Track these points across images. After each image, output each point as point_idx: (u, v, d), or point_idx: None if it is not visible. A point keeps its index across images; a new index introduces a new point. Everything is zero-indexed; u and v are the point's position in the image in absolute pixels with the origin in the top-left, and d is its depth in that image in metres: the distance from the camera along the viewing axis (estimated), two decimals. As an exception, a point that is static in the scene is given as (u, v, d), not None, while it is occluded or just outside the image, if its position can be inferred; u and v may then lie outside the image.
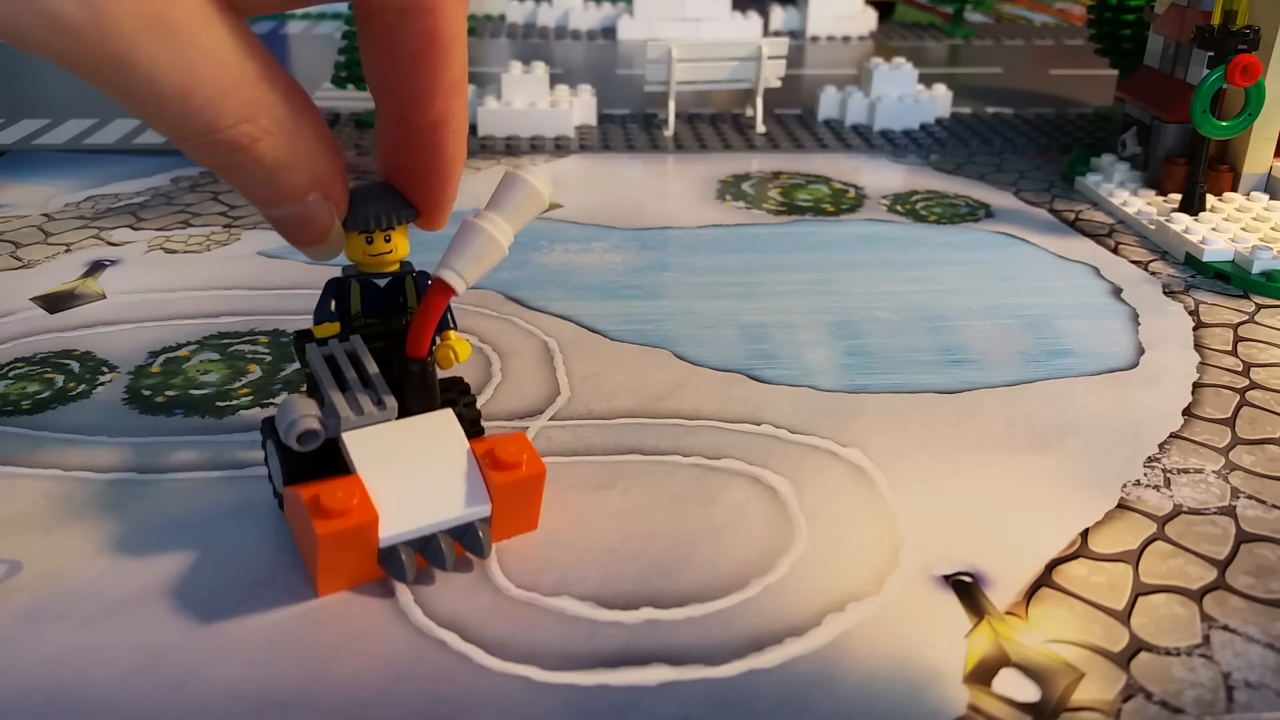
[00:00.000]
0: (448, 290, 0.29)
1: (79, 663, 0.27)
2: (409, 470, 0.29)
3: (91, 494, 0.34)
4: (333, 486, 0.28)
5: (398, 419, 0.30)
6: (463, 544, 0.30)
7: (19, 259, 0.52)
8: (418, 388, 0.31)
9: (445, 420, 0.31)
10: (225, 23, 0.24)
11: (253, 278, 0.50)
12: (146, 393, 0.39)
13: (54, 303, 0.47)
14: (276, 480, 0.32)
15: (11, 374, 0.41)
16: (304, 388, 0.33)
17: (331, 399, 0.30)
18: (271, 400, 0.39)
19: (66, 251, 0.53)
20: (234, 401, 0.39)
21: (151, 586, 0.30)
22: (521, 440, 0.31)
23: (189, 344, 0.43)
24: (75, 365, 0.41)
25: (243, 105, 0.24)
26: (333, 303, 0.32)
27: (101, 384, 0.40)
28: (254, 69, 0.24)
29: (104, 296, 0.48)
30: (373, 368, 0.31)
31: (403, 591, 0.29)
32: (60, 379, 0.40)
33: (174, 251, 0.53)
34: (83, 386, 0.40)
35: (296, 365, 0.41)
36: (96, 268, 0.51)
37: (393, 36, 0.27)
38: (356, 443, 0.29)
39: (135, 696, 0.26)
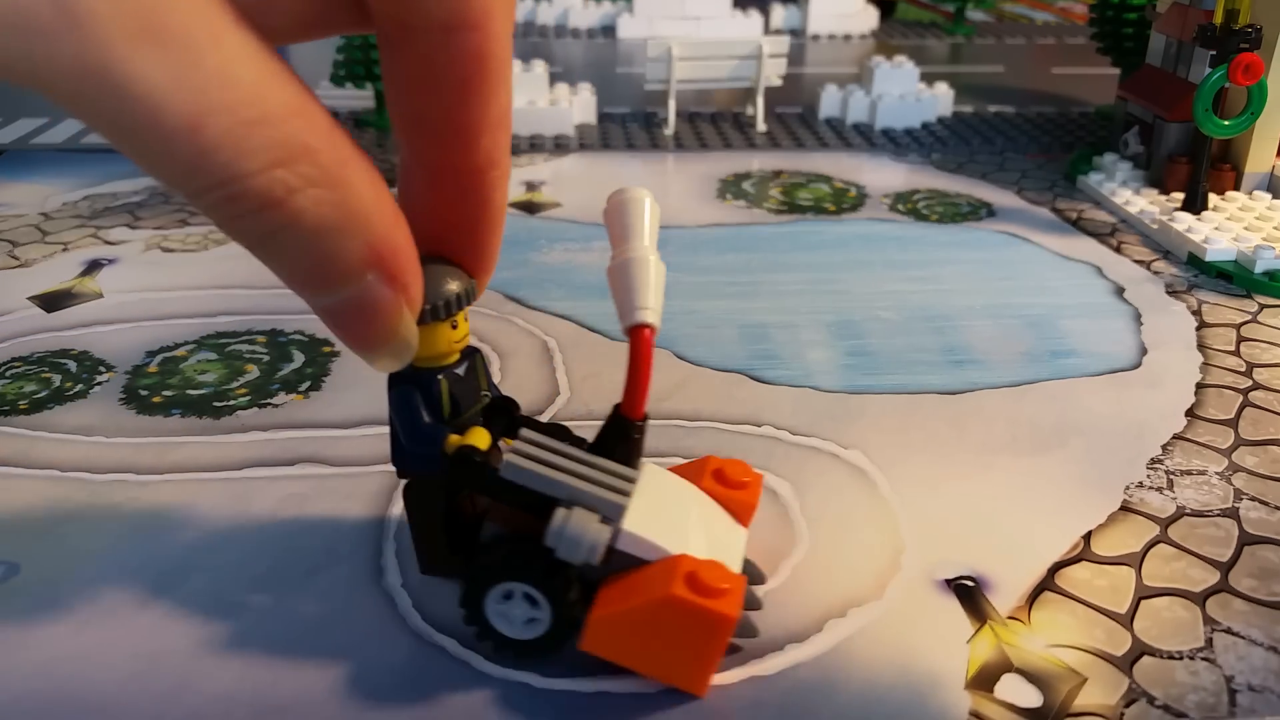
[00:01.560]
0: (653, 334, 0.26)
1: (77, 665, 0.27)
2: (695, 532, 0.27)
3: (89, 495, 0.33)
4: (698, 570, 0.25)
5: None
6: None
7: (16, 258, 0.51)
8: (636, 451, 0.27)
9: (656, 471, 0.28)
10: (244, 38, 0.18)
11: (250, 277, 0.50)
12: (144, 392, 0.39)
13: (51, 302, 0.47)
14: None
15: (8, 374, 0.41)
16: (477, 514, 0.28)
17: (594, 500, 0.25)
18: (269, 401, 0.39)
19: (64, 250, 0.52)
20: (231, 401, 0.39)
21: (149, 589, 0.29)
22: (717, 460, 0.29)
23: (186, 343, 0.43)
24: (72, 365, 0.41)
25: (273, 145, 0.18)
26: (425, 414, 0.27)
27: (99, 384, 0.40)
28: (286, 99, 0.18)
29: (101, 296, 0.47)
30: (577, 451, 0.27)
31: (402, 597, 0.29)
32: (57, 379, 0.40)
33: (171, 250, 0.53)
34: (80, 386, 0.40)
35: (294, 365, 0.41)
36: (94, 267, 0.50)
37: (433, 62, 0.21)
38: (641, 526, 0.26)
39: (133, 700, 0.26)
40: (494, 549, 0.26)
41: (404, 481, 0.28)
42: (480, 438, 0.27)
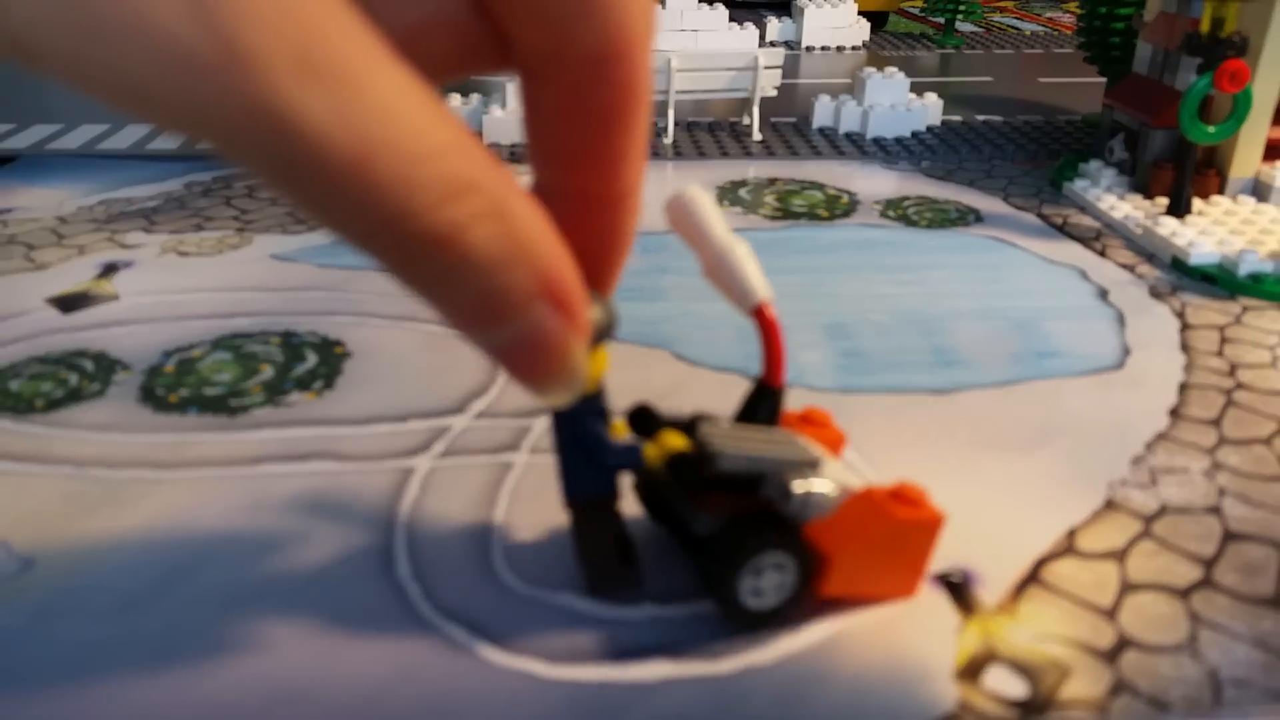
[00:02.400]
0: (770, 307, 0.29)
1: (91, 658, 0.27)
2: (840, 468, 0.30)
3: (104, 491, 0.34)
4: (890, 494, 0.29)
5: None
6: None
7: (33, 260, 0.52)
8: (778, 416, 0.30)
9: (789, 431, 0.31)
10: (402, 71, 0.17)
11: (265, 279, 0.50)
12: (160, 392, 0.40)
13: (68, 303, 0.47)
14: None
15: (26, 373, 0.41)
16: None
17: (799, 462, 0.28)
18: (283, 399, 0.40)
19: (80, 254, 0.53)
20: (246, 400, 0.39)
21: (164, 582, 0.30)
22: (795, 412, 0.32)
23: (202, 344, 0.44)
24: (89, 365, 0.42)
25: (440, 181, 0.17)
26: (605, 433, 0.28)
27: (115, 383, 0.41)
28: (447, 133, 0.18)
29: (117, 297, 0.48)
30: (750, 428, 0.29)
31: (412, 587, 0.30)
32: (74, 378, 0.41)
33: (187, 254, 0.53)
34: (96, 386, 0.40)
35: (307, 365, 0.42)
36: (110, 269, 0.51)
37: (581, 93, 0.21)
38: (833, 474, 0.28)
39: (147, 691, 0.26)
40: (732, 533, 0.28)
41: (570, 508, 0.28)
42: (675, 439, 0.28)
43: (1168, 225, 0.55)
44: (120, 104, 0.16)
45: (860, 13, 1.19)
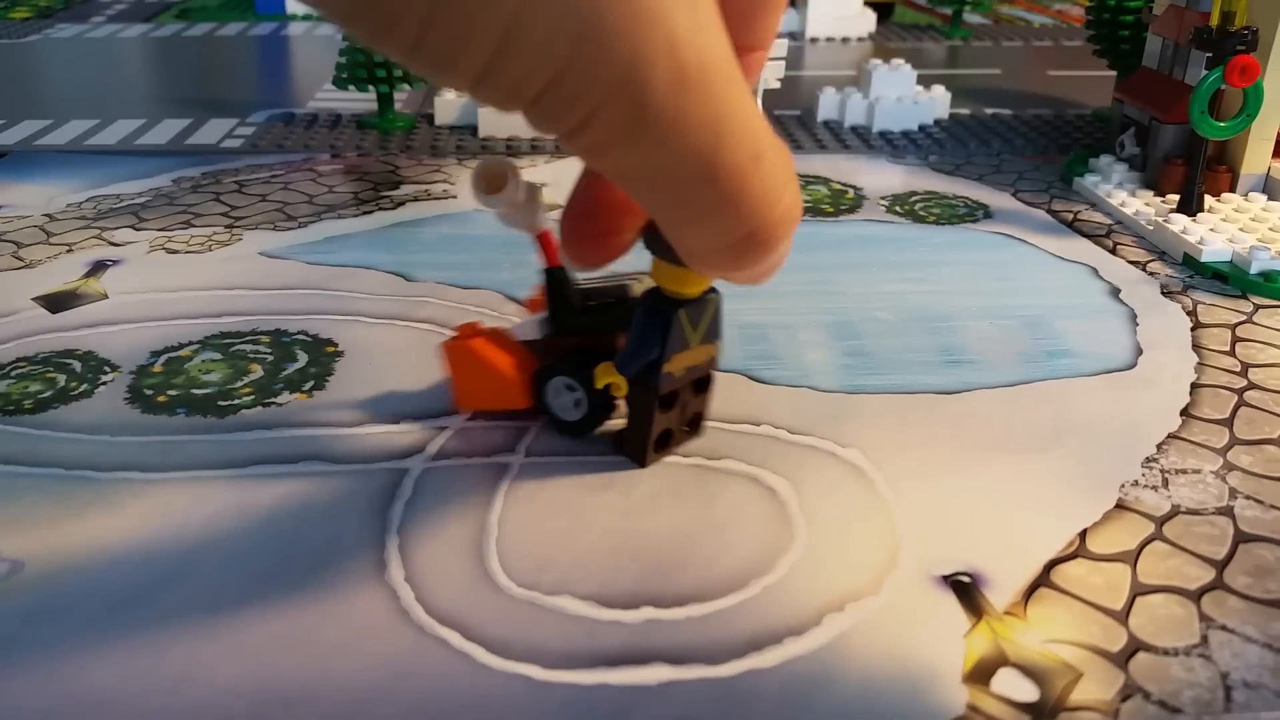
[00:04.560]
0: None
1: (80, 661, 0.27)
2: None
3: (93, 493, 0.34)
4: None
5: None
6: None
7: (21, 259, 0.52)
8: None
9: None
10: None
11: (254, 278, 0.50)
12: (148, 392, 0.40)
13: (56, 303, 0.47)
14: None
15: (13, 373, 0.41)
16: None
17: None
18: (273, 400, 0.39)
19: (68, 252, 0.53)
20: (236, 401, 0.39)
21: (153, 585, 0.30)
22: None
23: (191, 344, 0.43)
24: (77, 365, 0.41)
25: (785, 172, 0.22)
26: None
27: (103, 383, 0.40)
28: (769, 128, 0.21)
29: (106, 296, 0.48)
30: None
31: (405, 591, 0.29)
32: (62, 378, 0.40)
33: (176, 252, 0.53)
34: (84, 386, 0.40)
35: (298, 365, 0.42)
36: (98, 268, 0.51)
37: None
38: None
39: (136, 695, 0.26)
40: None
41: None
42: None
43: (1179, 222, 0.55)
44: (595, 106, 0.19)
45: (866, 3, 1.19)
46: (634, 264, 0.31)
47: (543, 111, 0.19)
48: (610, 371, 0.34)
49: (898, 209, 0.61)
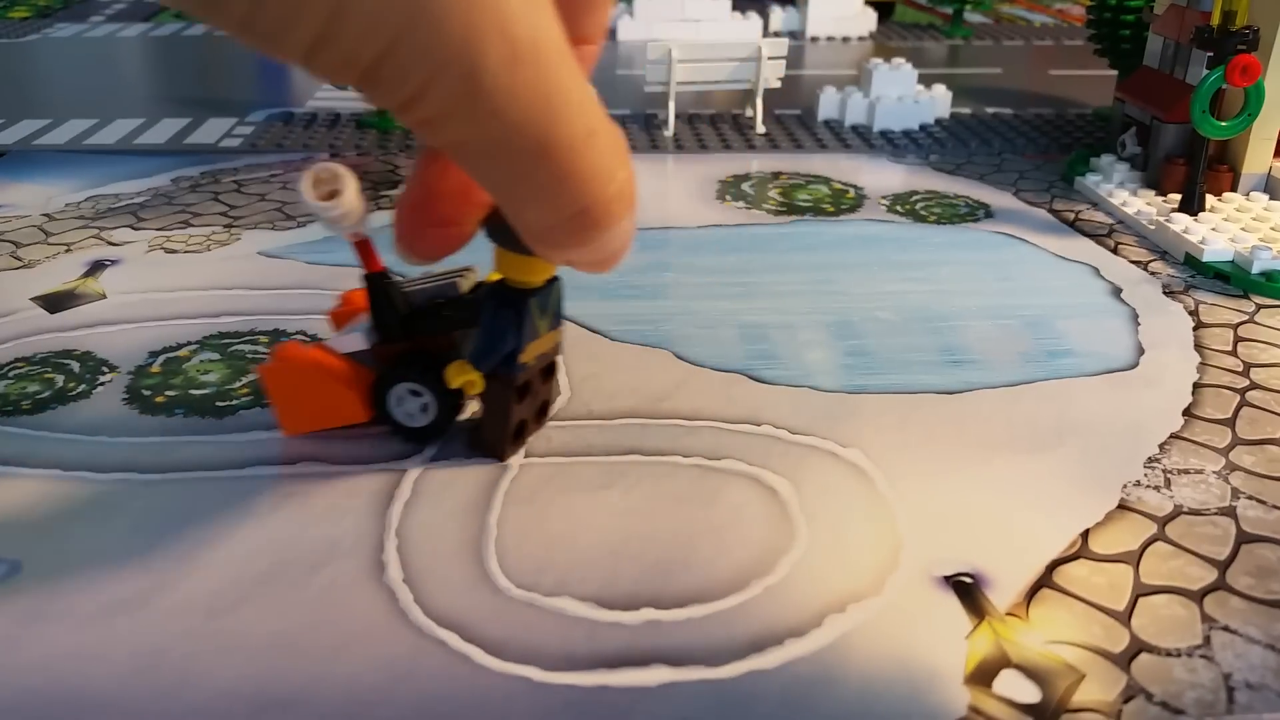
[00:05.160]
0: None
1: (79, 663, 0.27)
2: None
3: (92, 494, 0.34)
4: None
5: None
6: None
7: (19, 259, 0.52)
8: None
9: None
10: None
11: (253, 278, 0.50)
12: (146, 393, 0.39)
13: (54, 303, 0.47)
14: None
15: (11, 374, 0.41)
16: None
17: None
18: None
19: (67, 251, 0.53)
20: (234, 401, 0.39)
21: (151, 586, 0.30)
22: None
23: (189, 344, 0.43)
24: (75, 365, 0.41)
25: (618, 151, 0.22)
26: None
27: (101, 384, 0.40)
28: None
29: (104, 296, 0.48)
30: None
31: (403, 592, 0.29)
32: (60, 379, 0.40)
33: (174, 251, 0.53)
34: (83, 386, 0.40)
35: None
36: (97, 268, 0.51)
37: None
38: None
39: (135, 697, 0.26)
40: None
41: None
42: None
43: (1180, 221, 0.54)
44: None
45: (866, 2, 1.18)
46: (450, 262, 0.30)
47: (377, 84, 0.19)
48: (464, 370, 0.33)
49: (899, 208, 0.61)
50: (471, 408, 0.36)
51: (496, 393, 0.34)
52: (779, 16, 1.16)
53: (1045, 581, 0.30)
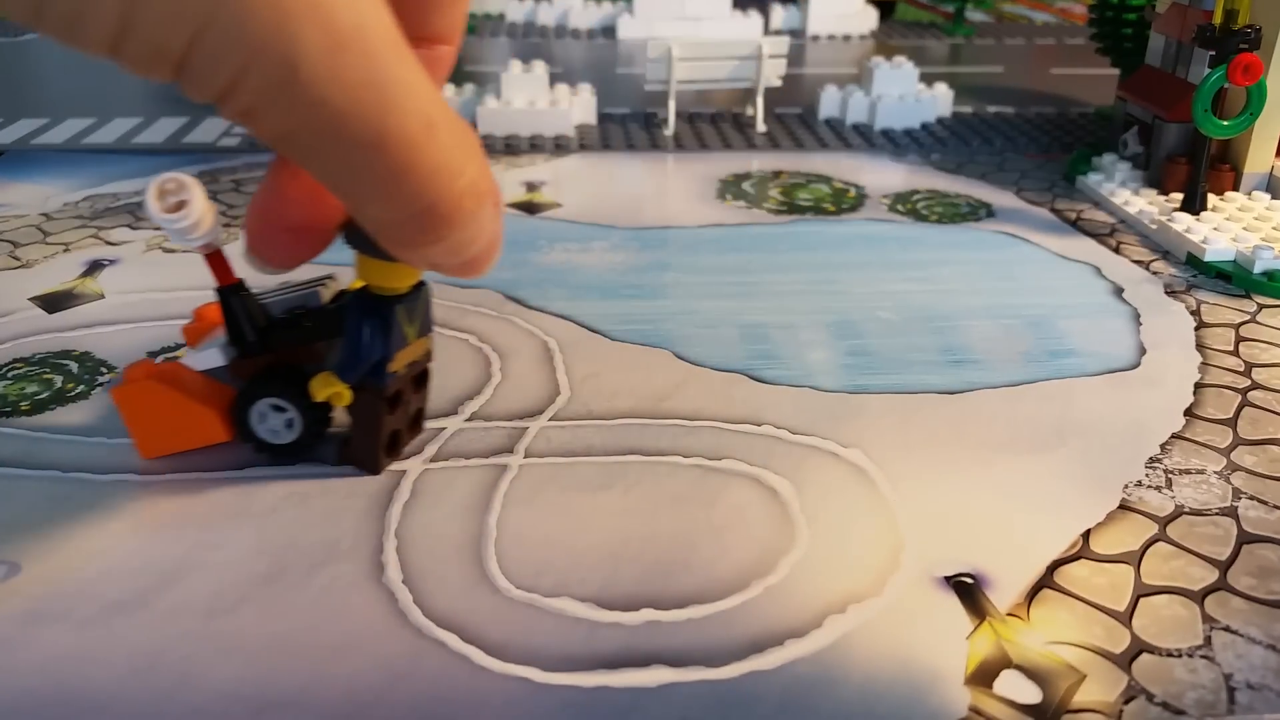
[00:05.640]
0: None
1: (78, 664, 0.27)
2: None
3: (90, 495, 0.34)
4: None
5: None
6: None
7: (17, 258, 0.52)
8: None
9: None
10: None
11: (251, 278, 0.49)
12: (146, 393, 0.39)
13: (53, 303, 0.47)
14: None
15: (10, 374, 0.41)
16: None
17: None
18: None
19: (65, 251, 0.52)
20: (233, 402, 0.39)
21: (150, 587, 0.29)
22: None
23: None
24: (74, 365, 0.41)
25: (465, 147, 0.22)
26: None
27: (100, 384, 0.40)
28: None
29: (103, 296, 0.47)
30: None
31: (403, 593, 0.29)
32: (59, 379, 0.40)
33: (173, 251, 0.53)
34: (81, 387, 0.40)
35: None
36: (95, 267, 0.50)
37: None
38: None
39: (134, 698, 0.26)
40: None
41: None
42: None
43: (1182, 221, 0.54)
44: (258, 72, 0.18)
45: (867, 1, 1.18)
46: (311, 270, 0.31)
47: (192, 76, 0.19)
48: (330, 381, 0.32)
49: (900, 208, 0.61)
50: (342, 419, 0.35)
51: (365, 404, 0.33)
52: (780, 14, 1.16)
53: (1046, 582, 0.30)
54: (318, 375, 0.33)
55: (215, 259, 0.32)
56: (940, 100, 0.80)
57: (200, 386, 0.35)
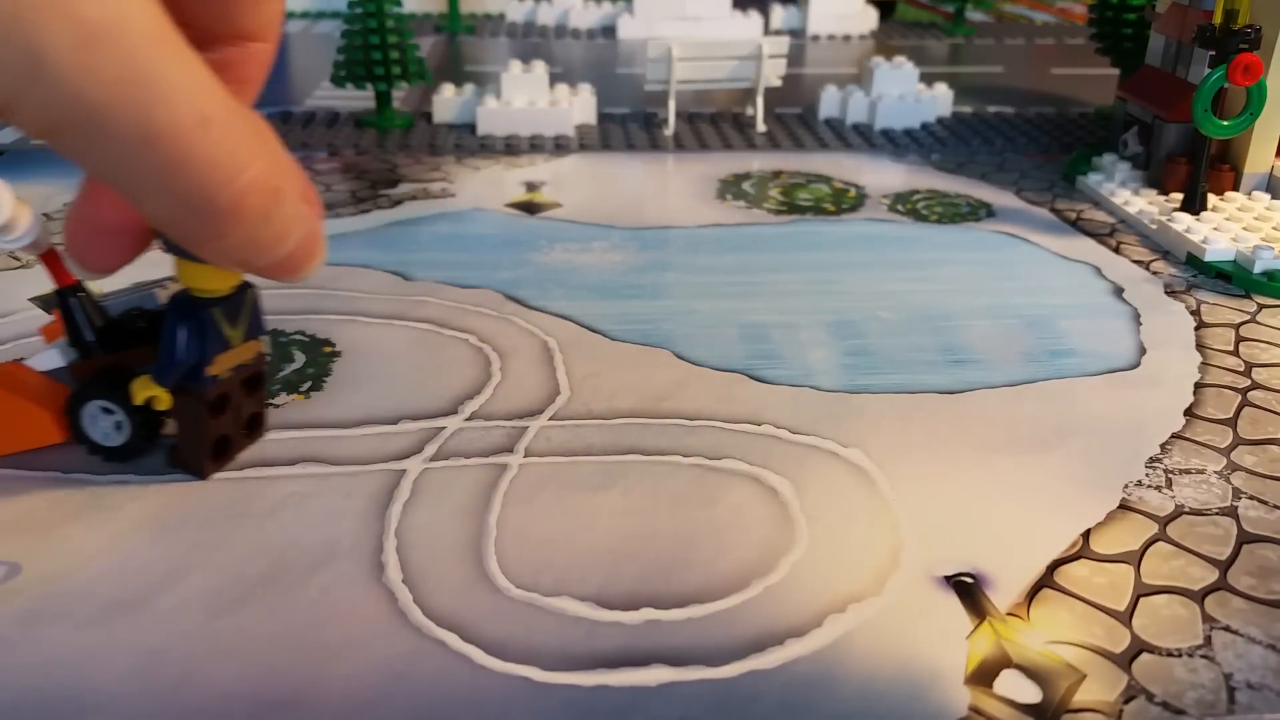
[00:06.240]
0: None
1: (78, 664, 0.27)
2: None
3: (91, 495, 0.33)
4: None
5: None
6: None
7: (17, 259, 0.51)
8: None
9: None
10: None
11: (250, 277, 0.49)
12: (146, 393, 0.39)
13: (52, 304, 0.46)
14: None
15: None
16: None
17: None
18: (270, 401, 0.39)
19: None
20: (233, 401, 0.39)
21: (150, 587, 0.29)
22: None
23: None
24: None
25: (250, 142, 0.22)
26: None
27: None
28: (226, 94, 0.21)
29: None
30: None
31: (402, 593, 0.29)
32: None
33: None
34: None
35: (295, 366, 0.41)
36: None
37: None
38: None
39: (134, 697, 0.26)
40: None
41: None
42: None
43: (1182, 221, 0.54)
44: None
45: (868, 1, 1.18)
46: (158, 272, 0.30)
47: None
48: (148, 385, 0.32)
49: (900, 208, 0.61)
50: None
51: (187, 408, 0.33)
52: (780, 14, 1.16)
53: (1046, 581, 0.30)
54: (138, 378, 0.32)
55: (50, 259, 0.33)
56: (940, 100, 0.80)
57: (39, 387, 0.35)
